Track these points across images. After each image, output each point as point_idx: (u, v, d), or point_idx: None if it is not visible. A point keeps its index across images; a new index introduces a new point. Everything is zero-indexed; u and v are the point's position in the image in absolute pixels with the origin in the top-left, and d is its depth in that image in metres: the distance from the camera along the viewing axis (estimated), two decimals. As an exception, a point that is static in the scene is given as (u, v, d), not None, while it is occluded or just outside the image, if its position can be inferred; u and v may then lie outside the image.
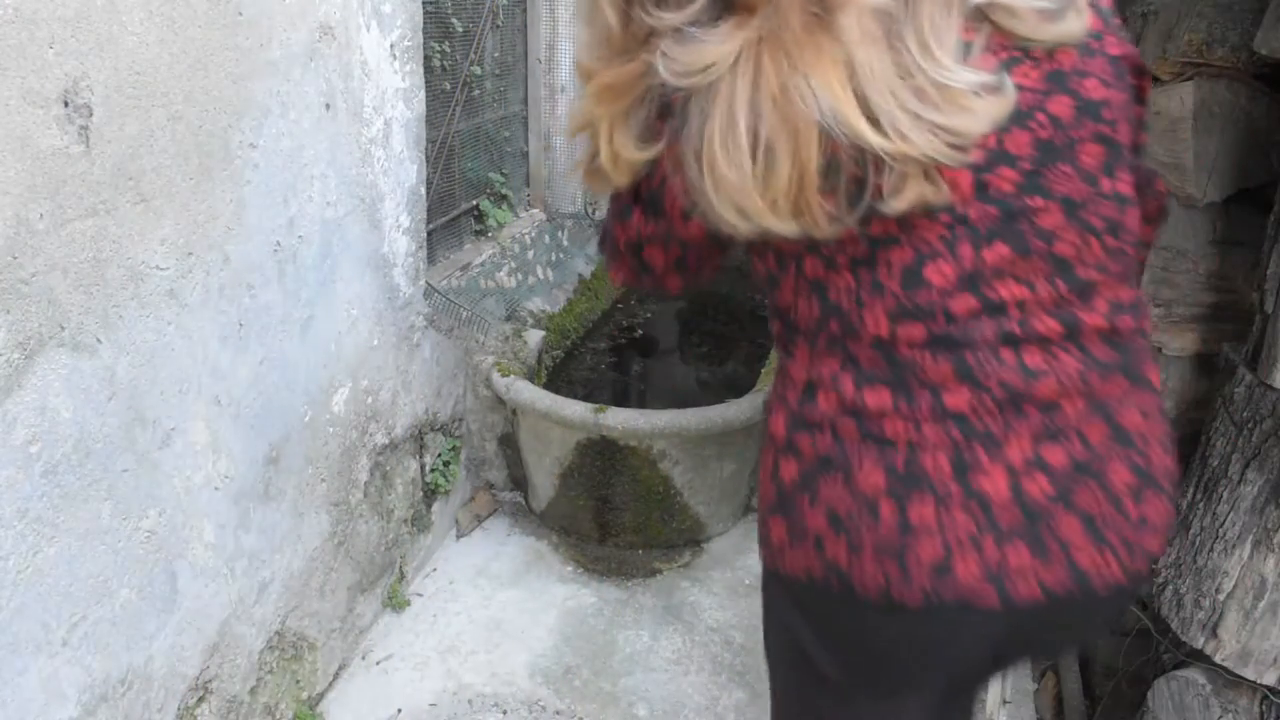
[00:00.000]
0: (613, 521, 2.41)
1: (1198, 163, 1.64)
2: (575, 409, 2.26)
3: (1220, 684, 1.40)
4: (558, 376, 2.73)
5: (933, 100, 0.71)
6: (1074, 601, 0.81)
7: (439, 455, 2.35)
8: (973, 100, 0.72)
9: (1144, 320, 0.87)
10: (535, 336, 2.53)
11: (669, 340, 3.29)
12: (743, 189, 0.74)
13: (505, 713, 1.91)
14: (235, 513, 1.55)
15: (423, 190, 2.07)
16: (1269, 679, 1.34)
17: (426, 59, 2.09)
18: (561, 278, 3.09)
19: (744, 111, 0.73)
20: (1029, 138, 0.78)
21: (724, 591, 2.31)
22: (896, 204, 0.74)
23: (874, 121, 0.71)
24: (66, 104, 1.10)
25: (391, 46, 1.83)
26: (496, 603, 2.23)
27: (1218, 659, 1.36)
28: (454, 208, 2.55)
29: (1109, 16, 0.84)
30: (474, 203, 2.66)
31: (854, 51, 0.70)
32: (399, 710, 1.90)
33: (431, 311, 2.19)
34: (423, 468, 2.28)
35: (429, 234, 2.22)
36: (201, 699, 1.53)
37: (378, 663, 2.03)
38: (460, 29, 2.38)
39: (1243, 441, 1.32)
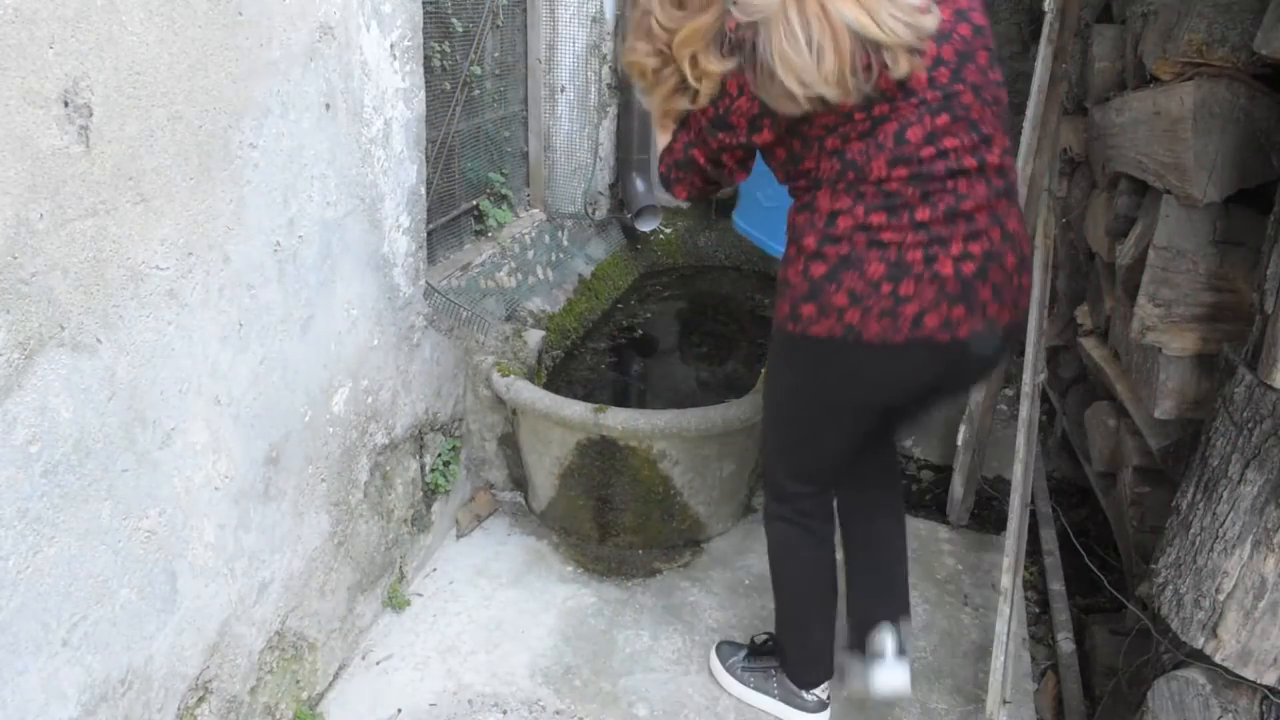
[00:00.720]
0: (613, 521, 2.41)
1: (1198, 163, 1.64)
2: (575, 409, 2.26)
3: (1220, 684, 1.40)
4: (558, 376, 2.73)
5: (903, 10, 1.26)
6: (986, 336, 1.41)
7: (439, 455, 2.35)
8: (919, 14, 1.27)
9: (1013, 160, 1.46)
10: (535, 336, 2.53)
11: (669, 340, 3.29)
12: (806, 70, 1.26)
13: (505, 713, 1.91)
14: (235, 513, 1.55)
15: (423, 190, 2.07)
16: (1269, 679, 1.34)
17: (426, 59, 2.09)
18: (561, 278, 3.09)
19: (799, 27, 1.25)
20: (952, 49, 1.35)
21: (724, 591, 2.31)
22: (899, 71, 1.28)
23: (878, 24, 1.25)
24: (66, 104, 1.10)
25: (391, 46, 1.83)
26: (496, 603, 2.23)
27: (1218, 659, 1.36)
28: (454, 208, 2.55)
29: None
30: (474, 203, 2.66)
31: None
32: (399, 710, 1.90)
33: (431, 311, 2.19)
34: (423, 468, 2.28)
35: (429, 234, 2.22)
36: (201, 699, 1.53)
37: (378, 663, 2.03)
38: (460, 29, 2.38)
39: (1243, 441, 1.32)
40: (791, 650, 1.88)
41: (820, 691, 1.88)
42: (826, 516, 1.77)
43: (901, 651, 1.76)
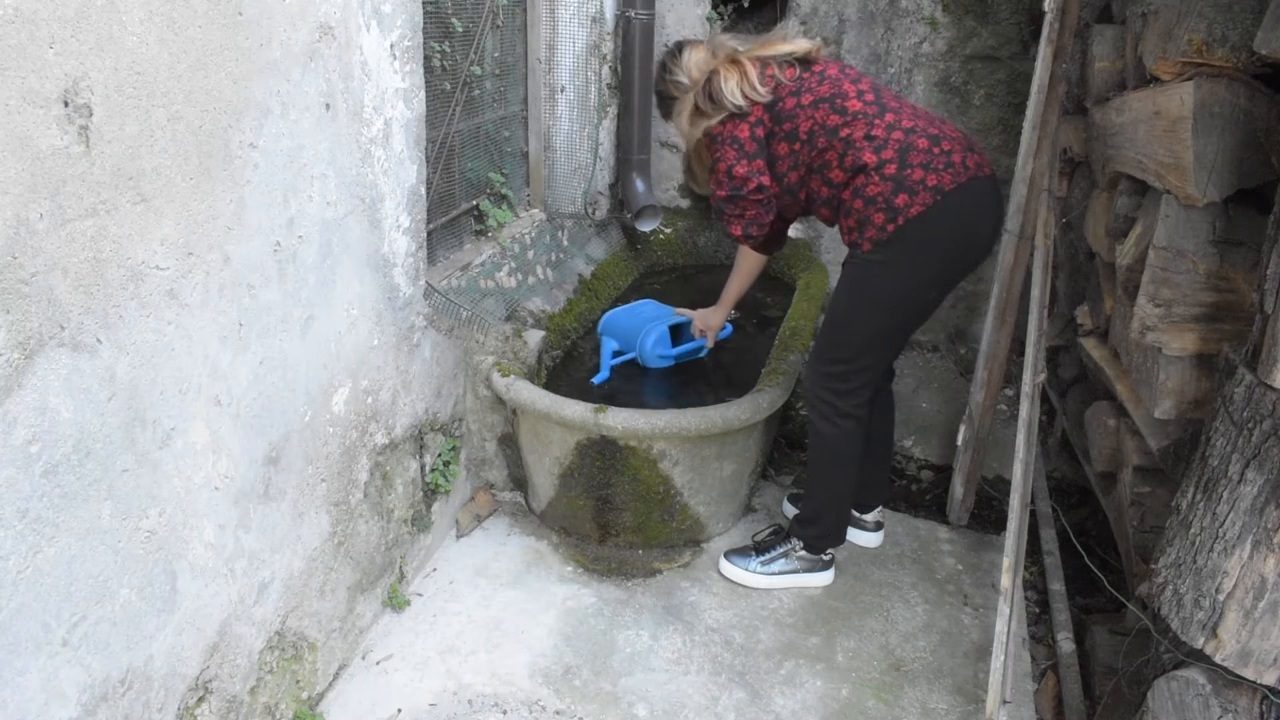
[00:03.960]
0: (613, 521, 2.41)
1: (1198, 163, 1.64)
2: (575, 409, 2.26)
3: (1220, 684, 1.40)
4: (558, 376, 2.73)
5: (790, 50, 2.12)
6: (978, 182, 1.97)
7: (439, 455, 2.35)
8: (805, 44, 2.13)
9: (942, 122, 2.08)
10: (535, 336, 2.53)
11: (669, 340, 3.28)
12: (746, 94, 2.07)
13: (505, 713, 1.91)
14: (235, 513, 1.55)
15: (423, 190, 2.07)
16: (1269, 679, 1.34)
17: (426, 59, 2.09)
18: (561, 278, 3.09)
19: (727, 81, 2.10)
20: (835, 70, 2.08)
21: (724, 591, 2.31)
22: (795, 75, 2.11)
23: (769, 61, 2.11)
24: (66, 104, 1.10)
25: (391, 46, 1.83)
26: (496, 603, 2.23)
27: (1218, 659, 1.36)
28: (454, 208, 2.54)
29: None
30: (474, 203, 2.66)
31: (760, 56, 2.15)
32: (399, 710, 1.90)
33: (431, 311, 2.19)
34: (423, 468, 2.28)
35: (429, 234, 2.22)
36: (201, 699, 1.53)
37: (378, 663, 2.03)
38: (460, 29, 2.38)
39: (1243, 441, 1.32)
40: (828, 526, 2.29)
41: (829, 552, 2.34)
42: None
43: (880, 524, 2.52)
